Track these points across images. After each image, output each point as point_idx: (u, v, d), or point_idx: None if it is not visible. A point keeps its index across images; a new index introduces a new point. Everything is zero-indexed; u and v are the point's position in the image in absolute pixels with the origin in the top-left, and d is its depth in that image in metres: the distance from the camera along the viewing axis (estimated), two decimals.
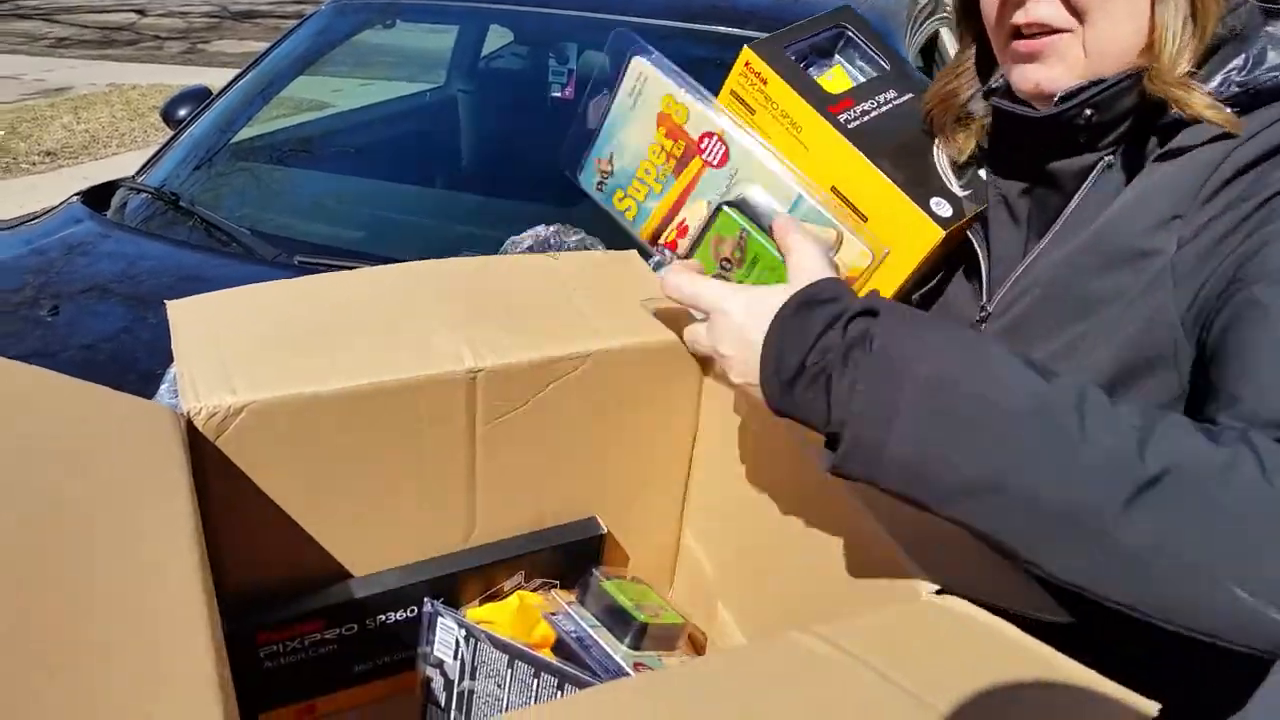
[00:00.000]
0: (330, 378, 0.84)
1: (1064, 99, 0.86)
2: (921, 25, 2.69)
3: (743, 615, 0.97)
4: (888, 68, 1.06)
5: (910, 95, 1.04)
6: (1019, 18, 0.87)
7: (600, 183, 0.87)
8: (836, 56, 1.07)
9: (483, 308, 0.96)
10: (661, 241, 0.84)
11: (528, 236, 1.08)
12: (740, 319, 0.76)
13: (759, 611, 0.95)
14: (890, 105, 1.02)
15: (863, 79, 1.05)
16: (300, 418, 0.84)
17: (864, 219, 0.96)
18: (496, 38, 3.02)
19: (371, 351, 0.88)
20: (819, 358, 0.70)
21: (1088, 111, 0.86)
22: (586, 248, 1.09)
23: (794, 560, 0.88)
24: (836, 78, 1.04)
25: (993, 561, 0.79)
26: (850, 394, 0.67)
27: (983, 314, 0.95)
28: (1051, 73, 0.87)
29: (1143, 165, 0.86)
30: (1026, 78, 0.89)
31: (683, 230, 0.83)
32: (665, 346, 0.96)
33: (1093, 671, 0.62)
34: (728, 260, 0.80)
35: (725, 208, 0.77)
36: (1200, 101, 0.81)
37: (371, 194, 2.35)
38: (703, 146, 0.79)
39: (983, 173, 1.01)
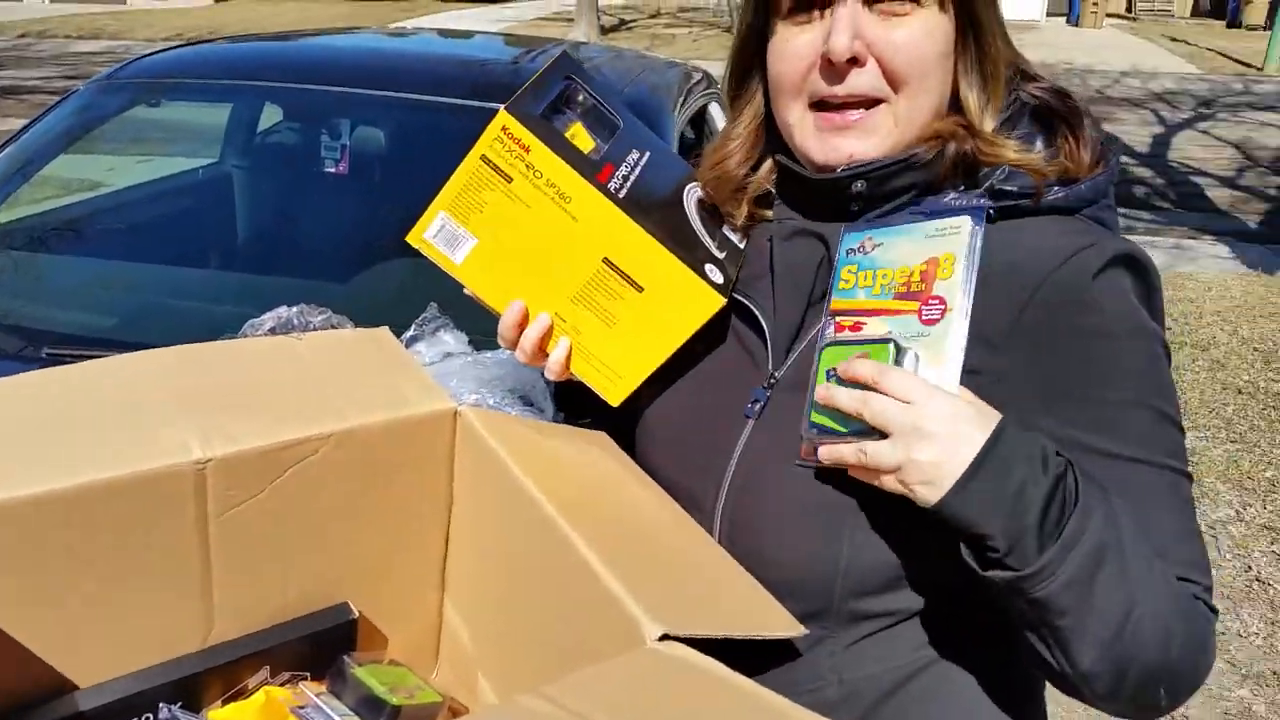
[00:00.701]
0: (46, 478, 0.80)
1: (844, 170, 0.93)
2: (692, 99, 2.82)
3: (499, 683, 0.97)
4: (620, 123, 1.04)
5: (650, 152, 1.04)
6: (838, 90, 0.91)
7: (855, 250, 0.93)
8: (568, 111, 1.04)
9: (217, 394, 0.94)
10: (837, 319, 0.92)
11: (269, 318, 1.07)
12: (959, 408, 0.82)
13: (513, 676, 0.95)
14: (640, 167, 1.01)
15: (597, 134, 1.02)
16: (14, 523, 0.79)
17: (640, 289, 0.97)
18: (276, 111, 2.97)
19: (94, 447, 0.84)
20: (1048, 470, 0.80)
21: (859, 184, 0.93)
22: (334, 326, 1.08)
23: (540, 622, 0.89)
24: (579, 135, 1.01)
25: (718, 599, 0.84)
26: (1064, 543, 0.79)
27: (770, 382, 0.97)
28: (865, 144, 0.92)
29: None
30: (838, 149, 0.93)
31: (856, 327, 0.90)
32: (412, 421, 0.96)
33: (799, 707, 0.66)
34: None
35: (892, 345, 0.86)
36: (1010, 151, 0.92)
37: (136, 277, 2.26)
38: (930, 302, 0.86)
39: (728, 232, 1.05)
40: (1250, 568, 3.41)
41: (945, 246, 0.87)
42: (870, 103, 0.92)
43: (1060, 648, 0.81)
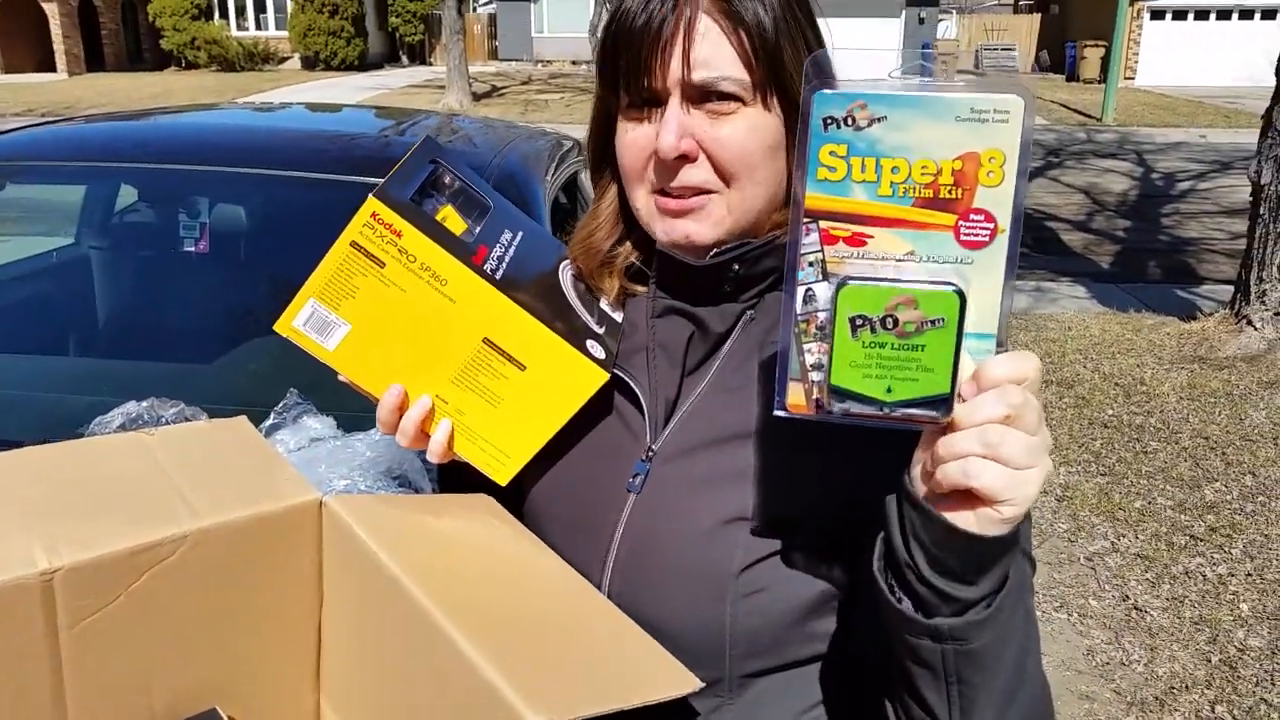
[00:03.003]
0: None
1: (718, 254, 0.95)
2: (564, 167, 2.83)
3: None
4: (490, 204, 1.04)
5: (522, 232, 1.05)
6: (672, 184, 0.94)
7: (835, 120, 0.66)
8: (436, 195, 1.02)
9: (64, 498, 0.88)
10: (822, 226, 0.68)
11: (118, 414, 1.01)
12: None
13: None
14: (514, 247, 1.02)
15: (468, 216, 1.02)
16: None
17: (522, 368, 0.96)
18: (131, 190, 2.87)
19: None
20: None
21: (735, 266, 0.95)
22: (187, 419, 1.04)
23: (418, 714, 0.86)
24: (450, 218, 1.00)
25: (608, 666, 0.82)
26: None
27: (649, 454, 0.97)
28: (700, 227, 0.95)
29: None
30: (677, 229, 0.95)
31: (857, 240, 0.68)
32: (274, 515, 0.92)
33: None
34: (893, 320, 0.66)
35: (955, 293, 0.64)
36: None
37: None
38: (972, 219, 0.66)
39: (605, 307, 1.05)
40: (1128, 597, 3.54)
41: (990, 138, 0.66)
42: (705, 192, 0.95)
43: (962, 708, 0.77)
